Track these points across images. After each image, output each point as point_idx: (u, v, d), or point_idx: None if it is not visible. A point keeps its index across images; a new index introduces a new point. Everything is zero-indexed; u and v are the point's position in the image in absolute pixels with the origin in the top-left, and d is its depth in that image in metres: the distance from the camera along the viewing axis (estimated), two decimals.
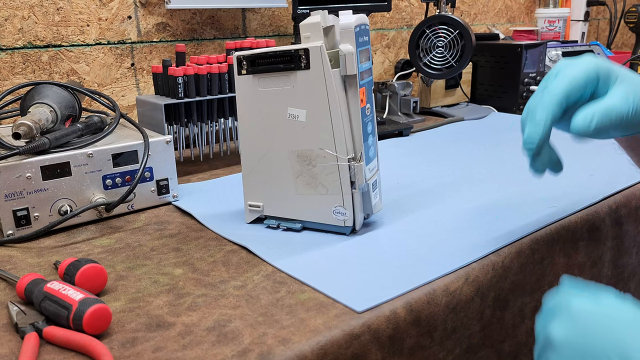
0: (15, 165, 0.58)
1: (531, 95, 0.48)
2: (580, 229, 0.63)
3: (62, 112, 0.66)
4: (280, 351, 0.39)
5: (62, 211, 0.62)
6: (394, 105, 1.21)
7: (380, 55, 1.43)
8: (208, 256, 0.56)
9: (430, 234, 0.59)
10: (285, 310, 0.45)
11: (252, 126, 0.60)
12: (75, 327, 0.42)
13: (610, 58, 1.49)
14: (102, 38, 0.97)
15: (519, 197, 0.69)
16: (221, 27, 1.11)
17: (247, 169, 0.62)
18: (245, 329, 0.42)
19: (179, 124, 0.82)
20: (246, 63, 0.58)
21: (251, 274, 0.52)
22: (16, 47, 0.89)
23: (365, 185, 0.58)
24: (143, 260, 0.55)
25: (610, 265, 0.69)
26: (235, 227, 0.62)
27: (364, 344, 0.43)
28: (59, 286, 0.44)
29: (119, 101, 1.02)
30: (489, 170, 0.82)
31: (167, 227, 0.64)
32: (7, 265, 0.55)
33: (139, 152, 0.67)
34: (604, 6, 1.83)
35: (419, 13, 1.49)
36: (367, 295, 0.46)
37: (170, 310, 0.46)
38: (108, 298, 0.48)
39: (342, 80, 0.56)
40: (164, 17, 1.03)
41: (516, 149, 0.93)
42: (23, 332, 0.42)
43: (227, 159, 0.93)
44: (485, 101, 1.35)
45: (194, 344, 0.41)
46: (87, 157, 0.63)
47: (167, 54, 1.05)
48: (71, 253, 0.57)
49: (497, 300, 0.54)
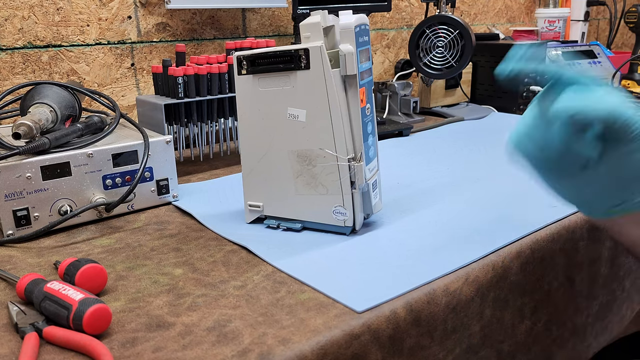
0: (15, 165, 0.58)
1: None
2: (580, 229, 0.63)
3: (62, 112, 0.66)
4: (280, 351, 0.39)
5: (62, 211, 0.62)
6: (394, 105, 1.21)
7: (380, 55, 1.43)
8: (208, 256, 0.56)
9: (430, 234, 0.59)
10: (285, 310, 0.45)
11: (252, 126, 0.60)
12: (75, 327, 0.42)
13: (610, 58, 1.49)
14: (102, 38, 0.97)
15: (518, 197, 0.69)
16: (221, 27, 1.12)
17: (247, 169, 0.62)
18: (245, 329, 0.42)
19: (179, 124, 0.82)
20: (246, 63, 0.58)
21: (251, 274, 0.52)
22: (16, 47, 0.89)
23: (365, 185, 0.58)
24: (143, 260, 0.55)
25: (607, 264, 0.69)
26: (235, 227, 0.62)
27: (364, 344, 0.43)
28: (59, 286, 0.44)
29: (119, 101, 1.02)
30: (489, 170, 0.82)
31: (167, 227, 0.64)
32: (7, 265, 0.55)
33: (139, 152, 0.67)
34: (604, 6, 1.83)
35: (419, 13, 1.49)
36: (367, 295, 0.46)
37: (170, 310, 0.46)
38: (108, 298, 0.48)
39: (342, 80, 0.56)
40: (164, 17, 1.03)
41: None
42: (23, 332, 0.42)
43: (227, 159, 0.93)
44: (485, 101, 1.35)
45: (194, 344, 0.41)
46: (87, 157, 0.63)
47: (167, 54, 1.05)
48: (71, 253, 0.57)
49: (497, 300, 0.54)
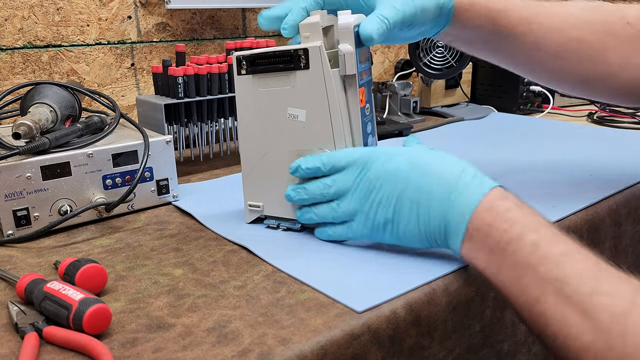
0: (15, 165, 0.58)
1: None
2: (580, 229, 0.63)
3: (62, 112, 0.66)
4: (280, 351, 0.40)
5: (62, 211, 0.62)
6: (394, 105, 1.21)
7: (380, 55, 1.43)
8: (208, 256, 0.56)
9: None
10: (285, 310, 0.45)
11: (252, 126, 0.60)
12: (75, 327, 0.42)
13: None
14: (102, 38, 0.97)
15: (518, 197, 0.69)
16: (221, 27, 1.12)
17: (247, 168, 0.62)
18: (245, 329, 0.42)
19: (179, 124, 0.82)
20: (246, 63, 0.58)
21: (251, 274, 0.52)
22: (16, 47, 0.89)
23: None
24: (143, 260, 0.55)
25: None
26: (235, 227, 0.62)
27: (364, 344, 0.43)
28: (59, 286, 0.44)
29: (119, 101, 1.02)
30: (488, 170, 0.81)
31: (167, 227, 0.64)
32: (7, 265, 0.55)
33: (139, 152, 0.67)
34: None
35: None
36: (367, 295, 0.46)
37: (170, 311, 0.46)
38: (108, 298, 0.48)
39: (341, 80, 0.56)
40: (164, 17, 1.03)
41: (516, 149, 0.93)
42: (23, 332, 0.42)
43: (227, 159, 0.93)
44: (485, 101, 1.35)
45: (194, 344, 0.41)
46: (87, 157, 0.63)
47: (167, 54, 1.05)
48: (71, 253, 0.57)
49: (497, 300, 0.54)
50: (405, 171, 0.51)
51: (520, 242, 0.43)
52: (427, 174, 0.50)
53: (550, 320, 0.39)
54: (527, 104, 1.31)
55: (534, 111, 1.32)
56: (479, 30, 0.61)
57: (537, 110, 1.31)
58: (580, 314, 0.38)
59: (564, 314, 0.38)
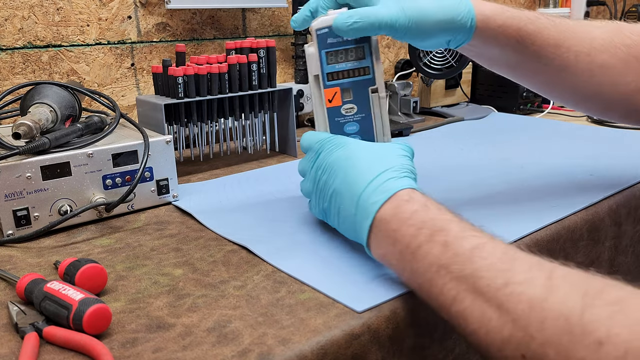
0: (15, 165, 0.58)
1: None
2: (580, 229, 0.63)
3: (62, 112, 0.66)
4: (280, 351, 0.40)
5: (62, 211, 0.62)
6: (394, 105, 1.21)
7: (380, 55, 1.43)
8: (208, 256, 0.56)
9: None
10: (285, 310, 0.45)
11: None
12: (75, 327, 0.42)
13: None
14: (102, 38, 0.97)
15: (518, 197, 0.69)
16: (221, 27, 1.12)
17: None
18: (245, 329, 0.43)
19: (179, 124, 0.82)
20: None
21: (251, 274, 0.52)
22: (16, 47, 0.89)
23: None
24: (143, 260, 0.55)
25: (606, 265, 0.69)
26: (235, 227, 0.62)
27: (364, 344, 0.43)
28: (59, 286, 0.44)
29: (119, 101, 1.02)
30: (488, 170, 0.82)
31: (167, 227, 0.64)
32: (7, 265, 0.55)
33: (139, 152, 0.67)
34: (604, 6, 1.83)
35: None
36: (367, 295, 0.46)
37: (170, 311, 0.46)
38: (108, 298, 0.48)
39: (314, 79, 0.59)
40: (164, 17, 1.03)
41: (516, 149, 0.93)
42: (23, 332, 0.42)
43: (227, 159, 0.93)
44: (485, 101, 1.35)
45: (194, 344, 0.41)
46: (87, 157, 0.63)
47: (167, 54, 1.05)
48: (71, 253, 0.58)
49: None
50: (340, 163, 0.53)
51: (429, 244, 0.42)
52: (354, 167, 0.51)
53: (469, 318, 0.39)
54: (527, 104, 1.32)
55: (534, 111, 1.32)
56: (506, 49, 0.60)
57: (537, 110, 1.31)
58: (496, 308, 0.37)
59: (481, 310, 0.38)
